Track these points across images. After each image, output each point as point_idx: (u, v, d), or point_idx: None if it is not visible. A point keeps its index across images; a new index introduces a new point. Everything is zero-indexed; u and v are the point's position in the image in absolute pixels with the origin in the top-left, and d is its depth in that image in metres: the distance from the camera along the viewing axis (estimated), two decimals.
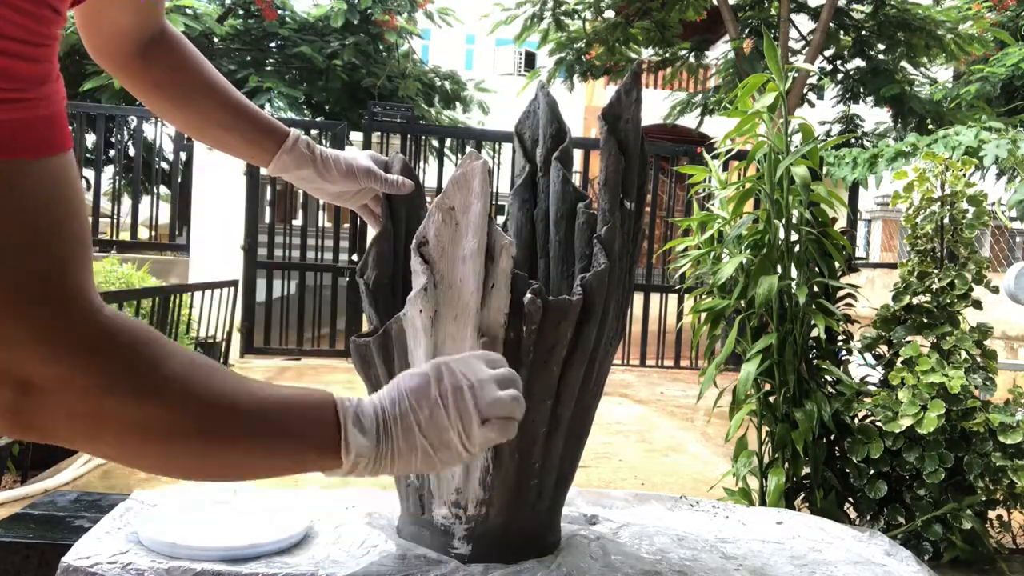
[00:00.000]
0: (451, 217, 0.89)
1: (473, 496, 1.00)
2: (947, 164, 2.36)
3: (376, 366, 1.00)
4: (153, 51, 0.97)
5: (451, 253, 0.89)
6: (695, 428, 4.40)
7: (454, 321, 0.90)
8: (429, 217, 0.90)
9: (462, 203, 0.88)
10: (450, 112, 10.34)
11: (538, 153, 1.10)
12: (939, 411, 2.13)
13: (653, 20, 9.04)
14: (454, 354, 0.80)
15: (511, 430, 0.74)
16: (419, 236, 0.89)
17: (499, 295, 0.92)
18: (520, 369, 0.94)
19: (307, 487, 1.33)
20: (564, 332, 0.96)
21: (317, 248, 6.50)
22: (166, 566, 0.93)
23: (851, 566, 1.08)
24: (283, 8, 9.46)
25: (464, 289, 0.89)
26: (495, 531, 1.02)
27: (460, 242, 0.88)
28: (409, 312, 0.91)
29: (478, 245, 0.89)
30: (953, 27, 8.36)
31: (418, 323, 0.90)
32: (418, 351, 0.92)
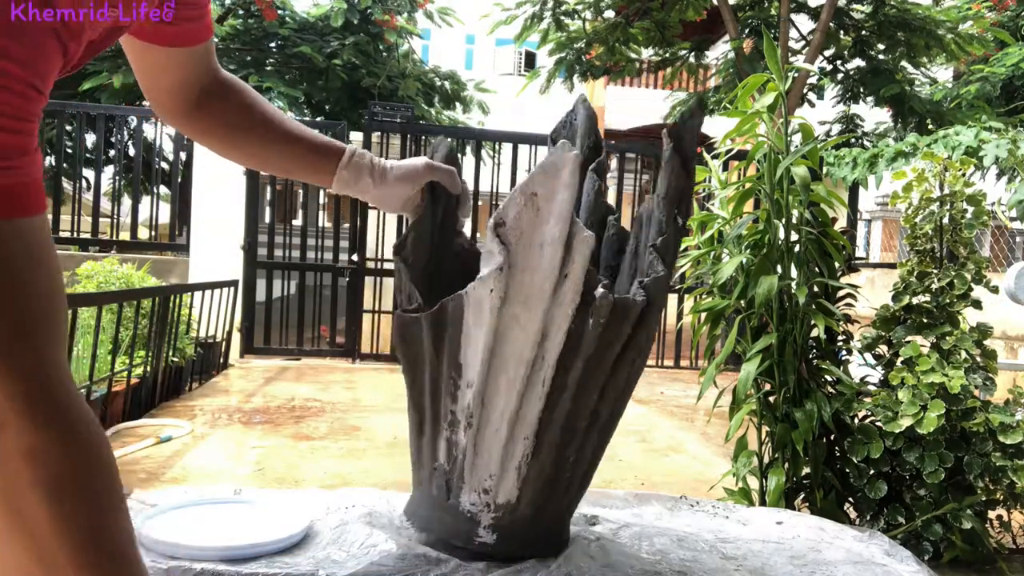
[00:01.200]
0: (533, 203, 0.89)
1: (507, 484, 0.99)
2: (946, 164, 2.36)
3: (422, 344, 0.97)
4: (207, 99, 1.01)
5: (528, 238, 0.89)
6: (695, 428, 4.40)
7: (523, 305, 0.91)
8: (510, 200, 0.90)
9: (547, 190, 0.89)
10: (450, 112, 10.34)
11: None
12: (939, 411, 2.13)
13: (653, 20, 9.04)
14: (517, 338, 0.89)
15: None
16: (497, 217, 0.90)
17: (572, 285, 0.92)
18: (576, 362, 0.95)
19: (307, 487, 1.33)
20: (624, 331, 0.98)
21: (317, 248, 6.50)
22: (166, 566, 0.93)
23: (851, 566, 1.08)
24: (283, 8, 9.46)
25: (538, 275, 0.90)
26: (522, 522, 1.01)
27: (539, 228, 0.89)
28: (477, 291, 0.90)
29: (560, 234, 0.89)
30: (953, 27, 8.36)
31: (486, 303, 0.90)
32: (478, 331, 0.91)
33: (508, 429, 0.97)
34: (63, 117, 6.74)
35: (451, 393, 0.97)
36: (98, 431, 0.62)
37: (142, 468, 2.99)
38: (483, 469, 0.98)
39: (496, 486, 0.99)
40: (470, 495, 0.99)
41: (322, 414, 4.12)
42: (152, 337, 3.89)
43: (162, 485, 2.77)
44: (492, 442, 0.97)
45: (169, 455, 3.19)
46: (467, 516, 1.00)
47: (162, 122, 1.10)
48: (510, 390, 0.95)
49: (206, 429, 3.67)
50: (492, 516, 1.00)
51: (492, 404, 0.96)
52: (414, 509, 1.06)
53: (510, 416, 0.96)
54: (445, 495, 1.01)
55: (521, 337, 0.92)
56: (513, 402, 0.96)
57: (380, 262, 6.52)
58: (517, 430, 0.98)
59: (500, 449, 0.98)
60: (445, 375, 0.97)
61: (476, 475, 0.99)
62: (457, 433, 0.98)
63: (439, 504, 1.02)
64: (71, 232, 7.04)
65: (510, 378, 0.94)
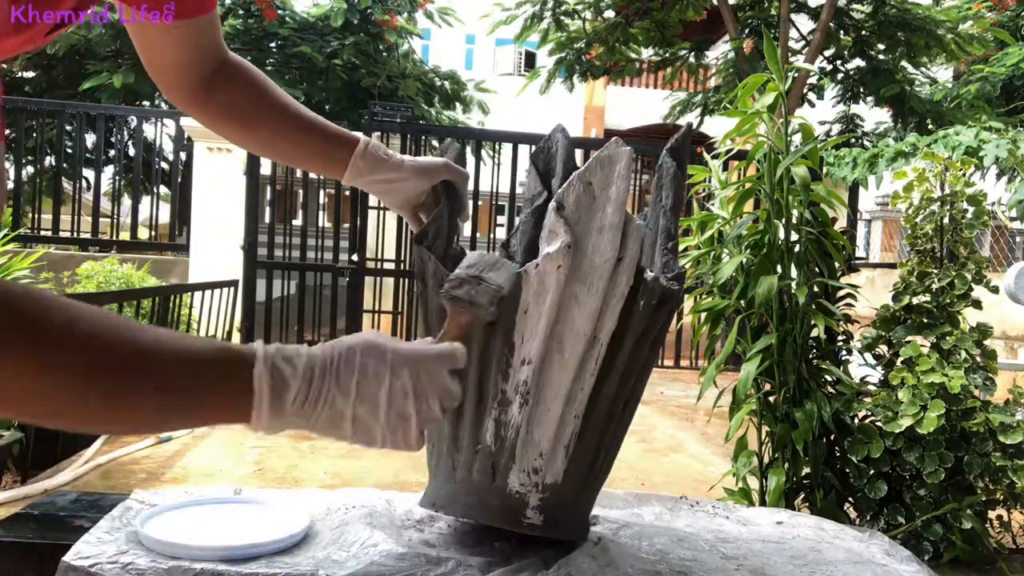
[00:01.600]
0: (589, 191, 0.95)
1: (555, 465, 1.00)
2: (946, 164, 2.36)
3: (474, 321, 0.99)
4: (217, 81, 0.99)
5: (587, 222, 0.95)
6: (695, 428, 4.40)
7: (582, 283, 0.95)
8: (569, 186, 0.95)
9: (602, 180, 0.95)
10: (450, 112, 10.34)
11: (554, 184, 1.16)
12: (939, 411, 2.13)
13: (653, 20, 9.04)
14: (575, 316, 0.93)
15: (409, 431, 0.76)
16: (557, 200, 0.95)
17: (626, 269, 0.98)
18: (626, 343, 1.00)
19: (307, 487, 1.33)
20: (660, 317, 1.03)
21: (317, 248, 6.50)
22: (166, 566, 0.93)
23: (851, 566, 1.08)
24: (283, 8, 9.46)
25: (597, 256, 0.95)
26: (564, 506, 1.02)
27: (596, 214, 0.95)
28: (543, 266, 0.93)
29: (617, 220, 0.95)
30: (953, 27, 8.37)
31: (551, 279, 0.93)
32: (538, 307, 0.94)
33: (561, 407, 0.99)
34: (63, 117, 6.74)
35: (503, 371, 0.98)
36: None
37: (142, 468, 2.99)
38: (534, 448, 0.99)
39: (545, 466, 0.99)
40: (519, 475, 0.99)
41: None
42: None
43: (162, 485, 2.77)
44: (544, 420, 0.98)
45: (169, 455, 3.19)
46: (515, 497, 0.99)
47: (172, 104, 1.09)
48: (565, 368, 0.97)
49: (206, 429, 3.67)
50: (540, 497, 1.00)
51: (547, 381, 0.97)
52: (447, 497, 1.03)
53: (564, 394, 0.98)
54: (490, 478, 1.00)
55: (579, 315, 0.96)
56: (567, 380, 0.98)
57: (380, 262, 6.52)
58: (568, 409, 0.99)
59: (553, 427, 0.99)
60: (496, 353, 0.97)
61: (527, 454, 0.99)
62: (507, 412, 0.98)
63: (483, 487, 1.00)
64: (71, 232, 7.04)
65: (565, 356, 0.97)
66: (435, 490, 1.06)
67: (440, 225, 1.06)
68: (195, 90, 0.99)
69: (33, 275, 3.62)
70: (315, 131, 1.04)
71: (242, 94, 1.01)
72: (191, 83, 0.99)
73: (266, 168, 6.97)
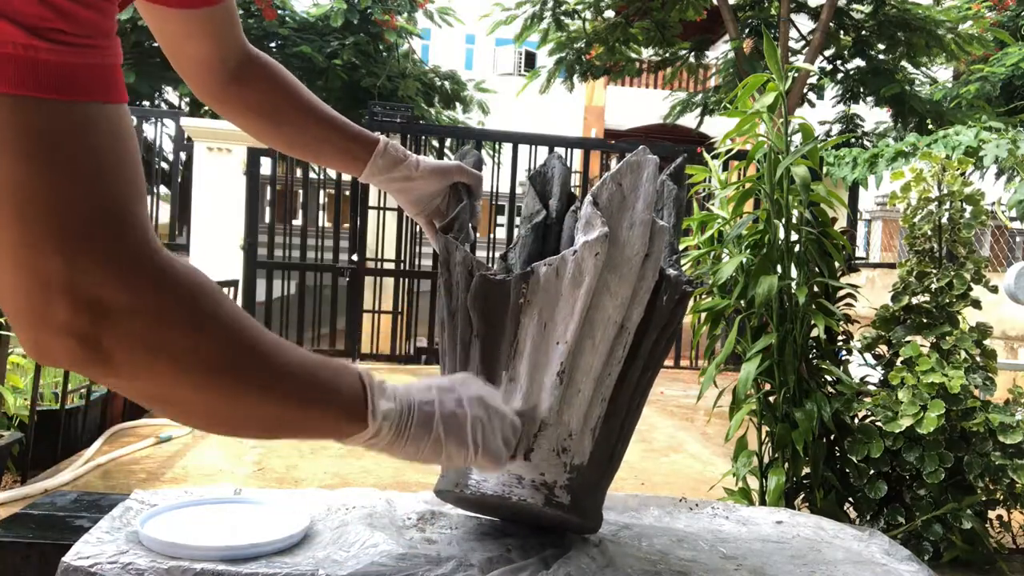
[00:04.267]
0: (620, 190, 1.01)
1: (583, 445, 1.03)
2: (944, 164, 2.36)
3: (507, 304, 1.03)
4: (243, 77, 1.00)
5: (618, 217, 1.01)
6: (695, 428, 4.40)
7: (614, 272, 1.00)
8: (603, 183, 1.01)
9: (631, 183, 1.01)
10: (450, 112, 10.34)
11: (552, 203, 1.23)
12: (939, 411, 2.13)
13: (653, 20, 9.04)
14: (607, 303, 1.00)
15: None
16: (593, 195, 1.01)
17: (653, 264, 1.03)
18: (651, 332, 1.06)
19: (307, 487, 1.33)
20: (679, 313, 1.10)
21: (317, 248, 6.50)
22: (166, 566, 0.93)
23: (851, 565, 1.08)
24: (283, 8, 9.46)
25: (628, 249, 1.01)
26: (586, 489, 1.04)
27: (626, 212, 1.01)
28: (581, 254, 0.98)
29: (647, 217, 1.02)
30: (953, 27, 8.37)
31: (588, 264, 0.98)
32: (575, 291, 0.99)
33: (592, 389, 1.03)
34: None
35: (538, 351, 1.02)
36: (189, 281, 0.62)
37: (142, 468, 2.99)
38: (564, 427, 1.02)
39: (574, 446, 1.03)
40: (549, 454, 1.02)
41: None
42: None
43: (162, 485, 2.77)
44: (575, 401, 1.03)
45: (169, 455, 3.19)
46: (545, 475, 1.02)
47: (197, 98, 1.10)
48: (596, 352, 1.02)
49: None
50: (567, 476, 1.03)
51: (578, 363, 1.02)
52: (477, 476, 1.05)
53: (594, 376, 1.03)
54: (522, 455, 1.03)
55: (610, 303, 1.01)
56: (599, 363, 1.03)
57: (380, 262, 6.52)
58: (597, 392, 1.04)
59: (584, 408, 1.03)
60: (532, 334, 1.02)
61: (558, 432, 1.02)
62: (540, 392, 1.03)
63: (512, 466, 1.02)
64: None
65: (596, 341, 1.02)
66: (458, 475, 1.06)
67: (464, 220, 1.11)
68: (223, 86, 1.00)
69: None
70: (337, 129, 1.07)
71: (269, 91, 1.03)
72: (217, 79, 1.00)
73: (266, 168, 6.97)
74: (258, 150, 6.31)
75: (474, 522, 1.15)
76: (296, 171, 6.82)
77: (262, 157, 6.47)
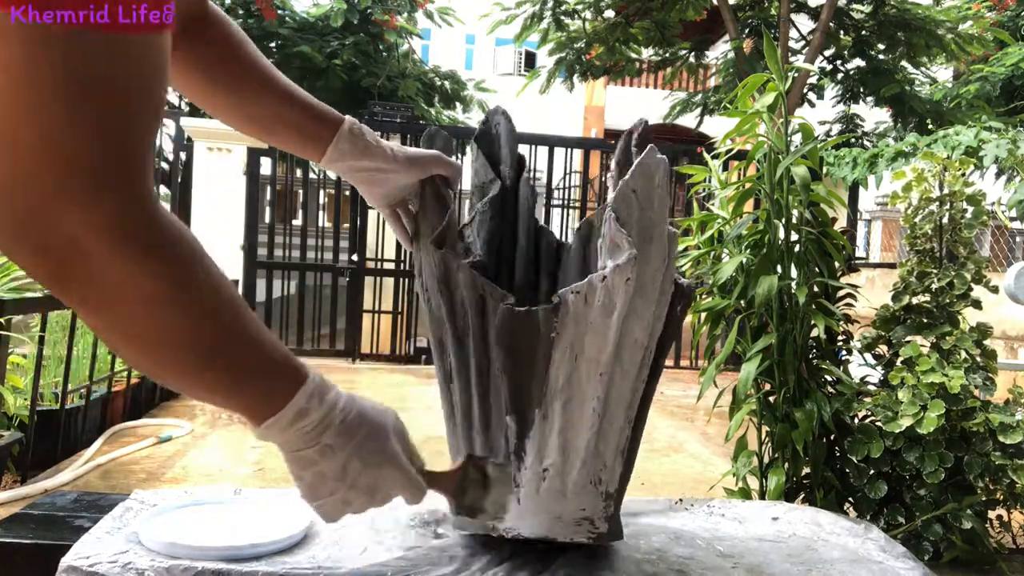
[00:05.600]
0: (636, 200, 0.95)
1: (616, 472, 1.02)
2: (945, 164, 2.36)
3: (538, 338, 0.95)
4: (192, 30, 0.88)
5: (639, 233, 0.95)
6: (695, 428, 4.40)
7: (639, 294, 0.96)
8: (620, 197, 0.95)
9: (644, 189, 0.95)
10: (450, 112, 10.34)
11: (503, 170, 1.16)
12: (939, 411, 2.13)
13: (653, 20, 9.04)
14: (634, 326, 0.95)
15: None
16: (615, 208, 0.95)
17: (669, 275, 1.00)
18: (667, 346, 1.04)
19: None
20: (681, 318, 1.07)
21: (317, 248, 6.50)
22: (166, 565, 0.93)
23: (847, 564, 1.08)
24: (283, 8, 9.45)
25: (650, 267, 0.96)
26: (615, 509, 1.03)
27: (643, 223, 0.96)
28: (612, 280, 0.93)
29: (665, 230, 0.97)
30: (953, 27, 8.36)
31: (620, 291, 0.93)
32: (606, 319, 0.94)
33: (623, 415, 1.01)
34: None
35: (572, 384, 0.97)
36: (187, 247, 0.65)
37: (142, 468, 2.99)
38: (600, 459, 0.99)
39: (608, 475, 1.01)
40: (586, 488, 0.99)
41: None
42: None
43: (162, 485, 2.77)
44: (610, 431, 1.00)
45: (169, 455, 3.19)
46: (584, 510, 1.00)
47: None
48: (625, 378, 0.99)
49: (206, 429, 3.67)
50: (604, 505, 1.01)
51: (611, 392, 0.98)
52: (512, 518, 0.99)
53: (626, 403, 1.00)
54: (561, 495, 0.98)
55: (637, 325, 0.97)
56: (628, 390, 1.00)
57: (380, 262, 6.52)
58: (625, 417, 1.01)
59: (616, 438, 1.00)
60: (566, 365, 0.96)
61: (594, 466, 0.99)
62: (576, 427, 0.98)
63: (552, 504, 0.98)
64: None
65: (624, 367, 0.98)
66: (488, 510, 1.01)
67: (453, 227, 1.02)
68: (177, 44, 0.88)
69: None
70: (298, 102, 0.93)
71: (218, 47, 0.90)
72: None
73: (266, 168, 6.96)
74: (258, 150, 6.31)
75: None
76: (296, 171, 6.82)
77: (262, 157, 6.47)
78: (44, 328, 2.89)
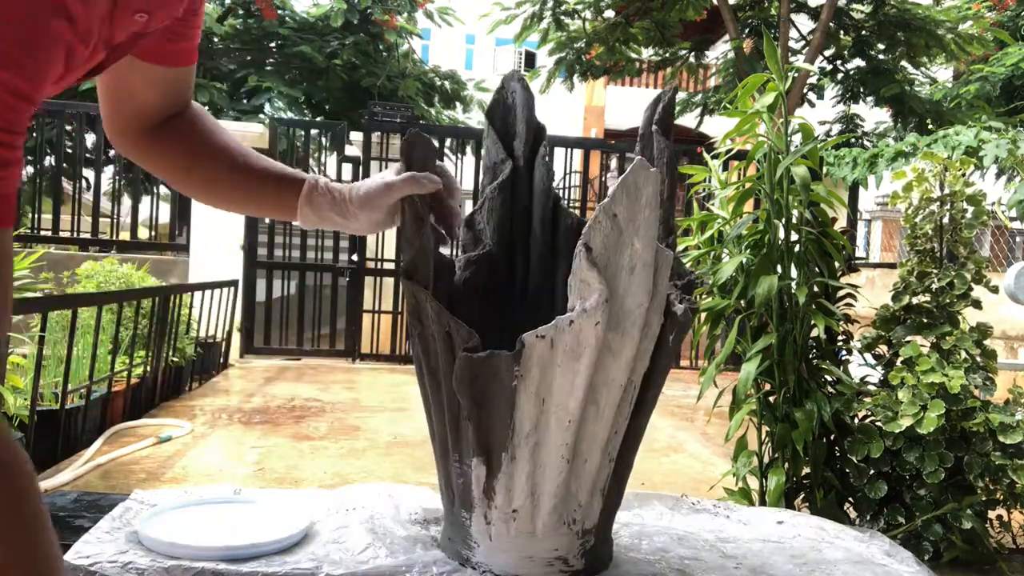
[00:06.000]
0: (616, 224, 0.85)
1: (593, 511, 0.98)
2: (946, 164, 2.36)
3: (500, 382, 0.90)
4: (170, 124, 0.96)
5: (616, 262, 0.86)
6: (695, 428, 4.40)
7: (615, 330, 0.88)
8: (594, 223, 0.86)
9: (628, 211, 0.85)
10: (450, 112, 10.34)
11: (516, 146, 1.07)
12: (939, 411, 2.13)
13: (653, 20, 9.04)
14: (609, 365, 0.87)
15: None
16: (584, 242, 0.86)
17: (657, 305, 0.91)
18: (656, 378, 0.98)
19: (307, 487, 1.33)
20: (675, 347, 1.00)
21: (317, 248, 6.50)
22: (166, 565, 0.93)
23: (851, 565, 1.08)
24: (283, 8, 9.45)
25: (629, 300, 0.87)
26: (598, 542, 1.01)
27: (623, 251, 0.86)
28: (579, 324, 0.85)
29: (649, 258, 0.87)
30: (953, 27, 8.36)
31: (589, 335, 0.86)
32: (574, 363, 0.87)
33: (599, 456, 0.95)
34: (63, 117, 6.74)
35: (537, 429, 0.93)
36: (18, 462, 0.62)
37: (142, 468, 2.99)
38: (573, 500, 0.96)
39: (584, 515, 0.98)
40: (558, 527, 0.96)
41: (322, 414, 4.12)
42: (152, 337, 3.89)
43: (162, 485, 2.77)
44: (582, 472, 0.96)
45: (169, 455, 3.19)
46: (556, 549, 0.97)
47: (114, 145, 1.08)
48: (601, 418, 0.93)
49: (206, 429, 3.67)
50: (580, 543, 0.99)
51: (583, 433, 0.93)
52: (483, 555, 0.98)
53: (601, 444, 0.95)
54: (530, 535, 0.96)
55: (614, 364, 0.90)
56: (604, 430, 0.94)
57: (380, 262, 6.52)
58: (604, 455, 0.96)
59: (591, 475, 0.96)
60: (528, 411, 0.91)
61: (568, 507, 0.96)
62: (544, 470, 0.94)
63: (522, 544, 0.97)
64: (71, 232, 7.04)
65: (600, 407, 0.92)
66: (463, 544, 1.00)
67: (425, 252, 0.97)
68: (146, 134, 0.96)
69: (33, 275, 3.62)
70: (268, 174, 0.99)
71: (191, 137, 0.97)
72: (146, 128, 0.95)
73: None
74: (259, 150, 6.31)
75: None
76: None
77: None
78: (44, 328, 2.89)
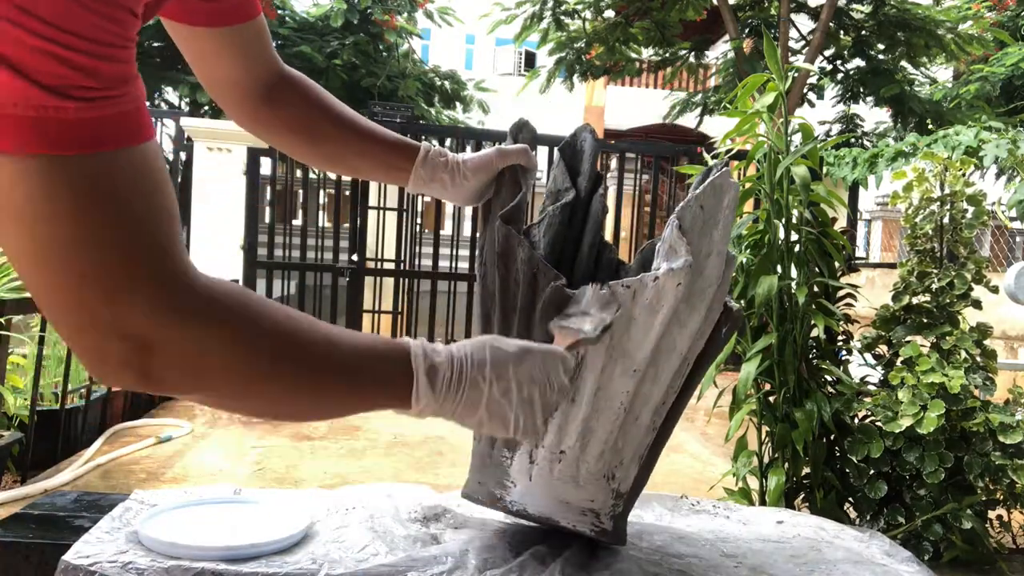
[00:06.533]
0: (702, 214, 0.97)
1: (630, 472, 1.02)
2: (946, 164, 2.36)
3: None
4: (277, 96, 1.00)
5: (697, 244, 0.96)
6: (695, 428, 4.40)
7: (687, 303, 0.97)
8: (688, 205, 0.97)
9: (712, 207, 0.97)
10: (450, 112, 10.34)
11: (580, 181, 1.18)
12: (939, 411, 2.13)
13: (653, 20, 9.04)
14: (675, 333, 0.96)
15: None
16: (679, 216, 0.97)
17: (721, 295, 1.01)
18: (705, 363, 1.04)
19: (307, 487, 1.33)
20: (726, 340, 1.08)
21: (317, 248, 6.49)
22: (166, 565, 0.93)
23: (850, 565, 1.08)
24: (283, 8, 9.46)
25: (702, 280, 0.97)
26: (623, 512, 1.03)
27: (705, 239, 0.97)
28: (663, 282, 0.94)
29: (724, 248, 0.98)
30: (953, 27, 8.36)
31: (669, 295, 0.95)
32: (651, 318, 0.95)
33: (649, 418, 1.01)
34: None
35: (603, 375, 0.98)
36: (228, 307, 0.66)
37: (142, 468, 2.99)
38: (617, 455, 1.00)
39: (622, 473, 1.01)
40: (598, 480, 1.00)
41: None
42: None
43: (162, 485, 2.77)
44: (632, 429, 1.00)
45: (169, 455, 3.19)
46: (592, 501, 1.00)
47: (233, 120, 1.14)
48: (658, 381, 0.99)
49: (206, 429, 3.67)
50: (612, 503, 1.01)
51: (641, 391, 0.99)
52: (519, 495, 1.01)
53: (652, 406, 1.00)
54: (573, 481, 0.99)
55: (679, 334, 0.98)
56: (659, 393, 1.00)
57: (380, 262, 6.52)
58: (652, 421, 1.02)
59: (638, 436, 1.01)
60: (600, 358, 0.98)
61: (611, 460, 1.00)
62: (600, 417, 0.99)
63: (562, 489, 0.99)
64: None
65: (659, 370, 0.99)
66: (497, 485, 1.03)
67: (522, 207, 1.08)
68: (256, 107, 1.00)
69: None
70: (378, 142, 1.06)
71: (304, 109, 1.02)
72: (251, 99, 1.00)
73: (266, 168, 6.96)
74: (258, 150, 6.31)
75: (476, 520, 1.15)
76: (296, 171, 6.82)
77: (262, 157, 6.47)
78: (44, 328, 2.89)
